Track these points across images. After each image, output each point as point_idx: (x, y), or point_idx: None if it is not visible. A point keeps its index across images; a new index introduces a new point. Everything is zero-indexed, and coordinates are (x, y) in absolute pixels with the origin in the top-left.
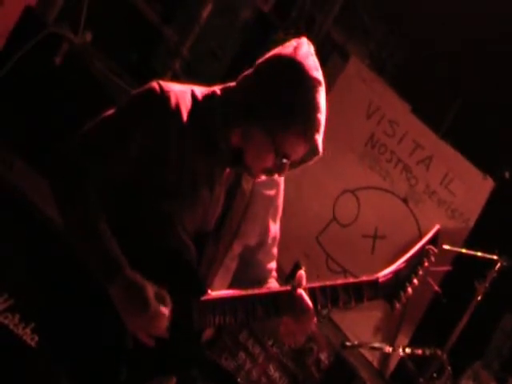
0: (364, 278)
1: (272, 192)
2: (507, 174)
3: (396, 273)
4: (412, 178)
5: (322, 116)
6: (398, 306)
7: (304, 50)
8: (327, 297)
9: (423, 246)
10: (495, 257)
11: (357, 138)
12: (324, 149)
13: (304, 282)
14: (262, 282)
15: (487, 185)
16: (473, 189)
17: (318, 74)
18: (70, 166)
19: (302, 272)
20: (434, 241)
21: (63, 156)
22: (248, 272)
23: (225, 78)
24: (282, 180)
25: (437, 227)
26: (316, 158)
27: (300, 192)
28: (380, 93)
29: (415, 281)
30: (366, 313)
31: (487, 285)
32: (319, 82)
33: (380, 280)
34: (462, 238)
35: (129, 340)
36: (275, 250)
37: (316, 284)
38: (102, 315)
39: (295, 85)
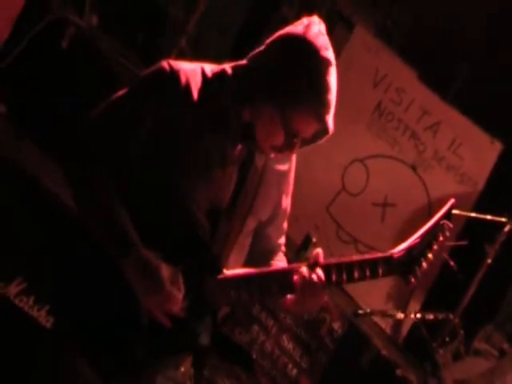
0: (379, 255)
1: (285, 167)
2: None
3: (410, 248)
4: (420, 145)
5: (333, 96)
6: (413, 281)
7: (315, 29)
8: (342, 274)
9: (438, 221)
10: (504, 219)
11: (364, 107)
12: (335, 114)
13: (321, 259)
14: (270, 256)
15: (495, 149)
16: (481, 153)
17: (328, 53)
18: (83, 148)
19: (319, 250)
20: (448, 215)
21: (76, 139)
22: (257, 246)
23: (231, 53)
24: (294, 155)
25: (451, 201)
26: (326, 137)
27: (309, 164)
28: (386, 61)
29: (430, 256)
30: (378, 281)
31: (497, 247)
32: (330, 62)
33: (394, 256)
34: (471, 202)
35: (144, 317)
36: (285, 225)
37: (332, 261)
38: (116, 294)
39: (306, 65)
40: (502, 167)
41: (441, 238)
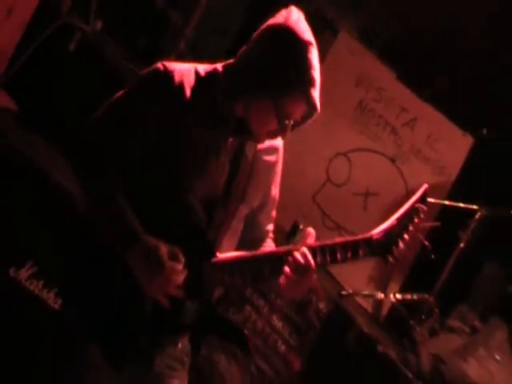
0: (359, 237)
1: (273, 158)
2: (485, 131)
3: (388, 230)
4: (398, 139)
5: (317, 73)
6: (391, 260)
7: (294, 16)
8: (326, 255)
9: (413, 205)
10: (476, 207)
11: (347, 105)
12: (318, 115)
13: (310, 241)
14: (260, 242)
15: (467, 141)
16: (454, 146)
17: (309, 35)
18: (88, 145)
19: (310, 230)
20: (422, 199)
21: (82, 136)
22: (248, 232)
23: (230, 54)
24: (281, 147)
25: (425, 186)
26: (315, 115)
27: (297, 157)
28: (368, 63)
29: (406, 236)
30: (360, 264)
31: (469, 233)
32: (311, 43)
33: (374, 238)
34: (446, 191)
35: (148, 305)
36: (274, 213)
37: (316, 243)
38: (121, 281)
39: (290, 48)
40: (473, 159)
41: (416, 220)
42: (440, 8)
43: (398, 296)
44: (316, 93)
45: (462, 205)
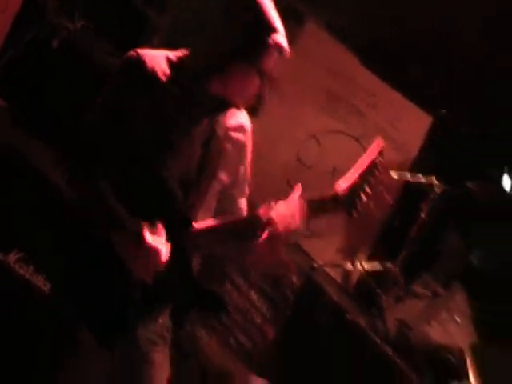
0: (326, 194)
1: (242, 137)
2: (443, 111)
3: (351, 186)
4: (364, 120)
5: (278, 21)
6: (355, 214)
7: None
8: None
9: (372, 160)
10: (435, 180)
11: (316, 92)
12: (288, 102)
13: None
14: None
15: (426, 121)
16: (414, 125)
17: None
18: (88, 145)
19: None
20: (379, 153)
21: (82, 136)
22: (222, 206)
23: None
24: (249, 128)
25: (379, 140)
26: (285, 56)
27: (268, 141)
28: (333, 51)
29: (368, 190)
30: (329, 238)
31: (429, 205)
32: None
33: (339, 194)
34: (407, 167)
35: (136, 291)
36: (246, 189)
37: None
38: (107, 264)
39: (249, 7)
40: (432, 137)
41: (377, 174)
42: (436, 11)
43: (365, 266)
44: (284, 38)
45: (422, 179)
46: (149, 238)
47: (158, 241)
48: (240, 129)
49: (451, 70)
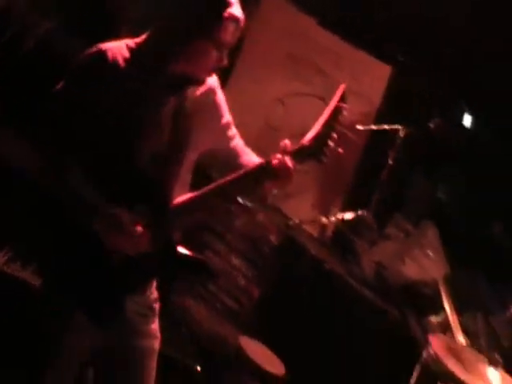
0: (295, 146)
1: (210, 99)
2: (400, 57)
3: (317, 135)
4: (327, 79)
5: None
6: (324, 160)
7: None
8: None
9: (335, 106)
10: (399, 127)
11: (278, 56)
12: (252, 70)
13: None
14: (248, 160)
15: (386, 70)
16: (376, 76)
17: None
18: (44, 130)
19: (287, 141)
20: (342, 99)
21: (38, 123)
22: (238, 161)
23: None
24: (217, 84)
25: (342, 86)
26: (241, 26)
27: (234, 109)
28: (292, 16)
29: (335, 135)
30: (303, 196)
31: (396, 150)
32: None
33: (306, 144)
34: (372, 118)
35: (122, 268)
36: (238, 137)
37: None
38: (94, 250)
39: None
40: (392, 86)
41: (340, 118)
42: None
43: (339, 216)
44: (238, 9)
45: (386, 127)
46: (128, 223)
47: (137, 224)
48: (208, 92)
49: (438, 54)
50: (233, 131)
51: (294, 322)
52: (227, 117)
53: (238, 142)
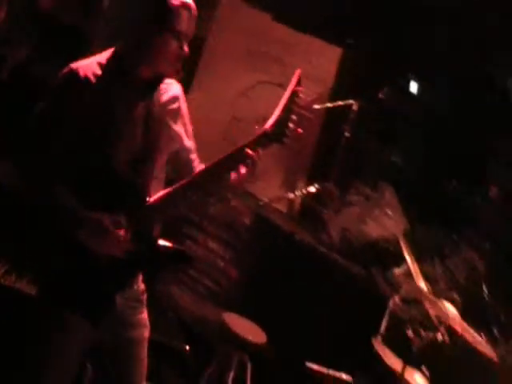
0: (258, 133)
1: (176, 105)
2: (350, 40)
3: (277, 120)
4: (283, 67)
5: None
6: (286, 141)
7: None
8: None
9: (292, 91)
10: (352, 101)
11: (238, 53)
12: (216, 66)
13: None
14: (191, 171)
15: (337, 52)
16: (327, 59)
17: None
18: (23, 148)
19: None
20: (298, 83)
21: (19, 142)
22: (184, 170)
23: None
24: (181, 94)
25: (297, 71)
26: (194, 14)
27: (200, 107)
28: (248, 14)
29: (294, 117)
30: (270, 177)
31: (350, 123)
32: None
33: (268, 129)
34: (326, 98)
35: (110, 267)
36: (193, 144)
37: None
38: (82, 256)
39: None
40: (342, 67)
41: (298, 101)
42: None
43: (304, 191)
44: None
45: (340, 103)
46: (110, 226)
47: (119, 224)
48: (173, 100)
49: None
50: (191, 143)
51: (273, 292)
52: (189, 128)
53: (194, 155)
